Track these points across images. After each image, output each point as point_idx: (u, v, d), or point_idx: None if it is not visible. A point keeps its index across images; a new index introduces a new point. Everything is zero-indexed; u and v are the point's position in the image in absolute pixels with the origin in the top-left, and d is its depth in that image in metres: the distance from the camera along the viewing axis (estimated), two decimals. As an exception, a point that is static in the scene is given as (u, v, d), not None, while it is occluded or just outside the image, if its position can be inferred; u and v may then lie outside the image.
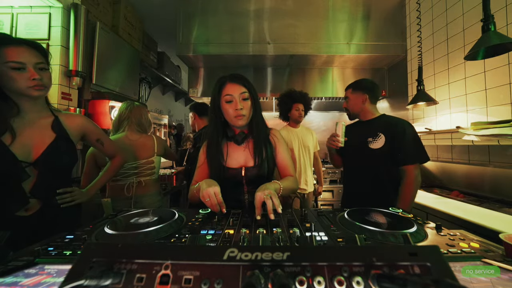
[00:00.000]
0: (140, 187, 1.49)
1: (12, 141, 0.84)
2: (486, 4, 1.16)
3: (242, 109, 0.93)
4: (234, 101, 0.93)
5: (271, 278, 0.28)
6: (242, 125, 0.97)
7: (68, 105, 1.82)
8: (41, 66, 0.88)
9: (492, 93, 1.56)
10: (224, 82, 0.95)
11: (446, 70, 1.94)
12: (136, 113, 1.57)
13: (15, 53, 0.82)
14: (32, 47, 0.86)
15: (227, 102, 0.94)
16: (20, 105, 0.88)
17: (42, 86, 0.88)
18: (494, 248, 0.56)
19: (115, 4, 2.43)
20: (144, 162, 1.51)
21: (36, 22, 1.75)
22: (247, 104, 0.95)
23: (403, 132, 1.25)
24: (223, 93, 0.94)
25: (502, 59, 1.45)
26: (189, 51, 2.45)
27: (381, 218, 0.73)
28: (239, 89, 0.93)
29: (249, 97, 0.96)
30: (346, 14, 2.45)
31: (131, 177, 1.47)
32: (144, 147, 1.54)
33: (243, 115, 0.94)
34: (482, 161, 1.69)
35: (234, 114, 0.93)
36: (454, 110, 1.87)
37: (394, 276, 0.27)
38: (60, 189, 0.95)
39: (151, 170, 1.55)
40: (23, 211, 0.85)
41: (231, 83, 0.94)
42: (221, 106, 0.96)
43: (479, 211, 1.31)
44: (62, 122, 0.98)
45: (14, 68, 0.82)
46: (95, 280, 0.28)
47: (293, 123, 2.06)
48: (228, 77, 0.96)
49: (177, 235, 0.63)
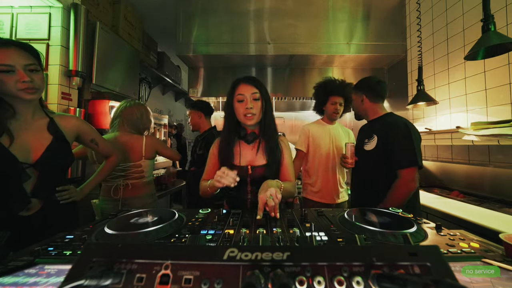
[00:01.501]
0: (127, 190, 1.44)
1: (11, 143, 0.84)
2: (486, 4, 1.16)
3: (252, 108, 0.97)
4: (245, 101, 0.98)
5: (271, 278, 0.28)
6: (252, 124, 1.01)
7: (68, 105, 1.82)
8: (31, 68, 0.85)
9: (492, 93, 1.56)
10: (238, 83, 1.01)
11: (446, 70, 1.94)
12: (127, 112, 1.51)
13: (3, 56, 0.79)
14: (22, 48, 0.84)
15: (239, 102, 0.99)
16: (15, 107, 0.88)
17: (34, 89, 0.85)
18: (494, 248, 0.56)
19: (115, 4, 2.43)
20: (131, 165, 1.46)
21: (36, 22, 1.74)
22: (257, 104, 0.99)
23: (395, 135, 1.18)
24: (236, 92, 1.00)
25: (502, 59, 1.45)
26: (189, 51, 2.45)
27: (381, 218, 0.73)
28: (251, 90, 0.99)
29: (260, 98, 1.00)
30: (346, 14, 2.45)
31: (118, 179, 1.43)
32: (133, 149, 1.48)
33: (253, 114, 0.98)
34: (482, 161, 1.69)
35: (244, 113, 0.98)
36: (454, 110, 1.87)
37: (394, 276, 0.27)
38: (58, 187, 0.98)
39: (139, 173, 1.50)
40: (25, 211, 0.87)
41: (244, 83, 1.00)
42: (233, 106, 1.01)
43: (479, 211, 1.31)
44: (58, 123, 0.99)
45: (2, 71, 0.79)
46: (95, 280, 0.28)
47: (327, 118, 1.75)
48: (242, 78, 1.02)
49: (177, 235, 0.63)
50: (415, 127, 1.25)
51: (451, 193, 1.73)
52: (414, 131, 1.19)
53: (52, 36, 1.76)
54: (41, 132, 0.93)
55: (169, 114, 4.61)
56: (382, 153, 1.21)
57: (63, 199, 0.98)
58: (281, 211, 0.81)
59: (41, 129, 0.94)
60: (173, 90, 4.63)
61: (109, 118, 2.07)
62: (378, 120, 1.34)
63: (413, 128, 1.21)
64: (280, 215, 0.77)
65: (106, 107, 2.07)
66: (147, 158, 1.54)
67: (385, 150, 1.20)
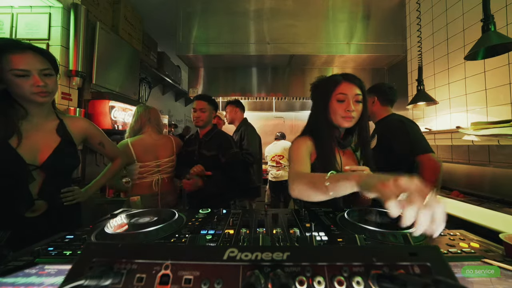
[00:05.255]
0: (163, 184, 1.56)
1: (19, 144, 0.85)
2: (486, 4, 1.16)
3: (354, 111, 0.87)
4: (346, 101, 0.87)
5: (271, 278, 0.28)
6: (348, 127, 0.91)
7: (68, 105, 1.82)
8: (46, 72, 0.87)
9: (492, 93, 1.56)
10: (339, 81, 0.90)
11: (446, 70, 1.94)
12: (154, 115, 1.66)
13: (19, 60, 0.81)
14: (38, 52, 0.86)
15: (339, 101, 0.88)
16: (28, 109, 0.89)
17: (47, 93, 0.88)
18: (494, 248, 0.56)
19: (115, 4, 2.43)
20: (166, 161, 1.60)
21: (36, 22, 1.75)
22: (359, 107, 0.89)
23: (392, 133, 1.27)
24: (337, 91, 0.89)
25: (502, 59, 1.45)
26: (189, 51, 2.46)
27: (381, 218, 0.73)
28: (354, 90, 0.88)
29: (362, 101, 0.90)
30: (346, 14, 2.45)
31: (155, 175, 1.54)
32: (165, 146, 1.62)
33: (353, 117, 0.88)
34: (482, 161, 1.69)
35: (343, 114, 0.88)
36: (454, 110, 1.87)
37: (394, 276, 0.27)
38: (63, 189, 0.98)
39: (171, 168, 1.64)
40: (30, 212, 0.87)
41: (347, 82, 0.89)
42: (329, 105, 0.90)
43: (479, 211, 1.31)
44: (67, 125, 1.00)
45: (18, 75, 0.82)
46: (95, 280, 0.28)
47: None
48: (345, 76, 0.91)
49: (177, 235, 0.63)
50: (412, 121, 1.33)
51: (451, 193, 1.73)
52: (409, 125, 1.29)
53: (52, 36, 1.76)
54: (50, 133, 0.94)
55: (169, 114, 4.61)
56: (382, 153, 1.26)
57: (67, 200, 0.98)
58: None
59: (50, 131, 0.95)
60: (173, 90, 4.63)
61: (109, 118, 2.07)
62: (381, 121, 1.42)
63: (408, 122, 1.30)
64: (281, 215, 0.77)
65: (106, 107, 2.07)
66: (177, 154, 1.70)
67: (383, 149, 1.26)
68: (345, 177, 0.58)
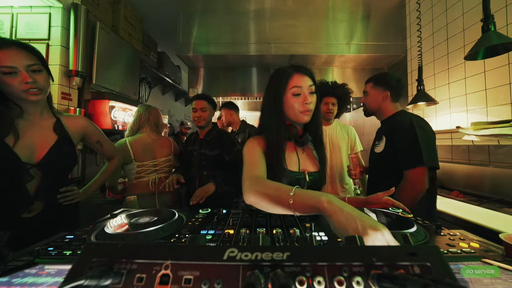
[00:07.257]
0: (160, 184, 1.56)
1: (15, 143, 0.84)
2: (486, 4, 1.16)
3: (311, 103, 0.82)
4: (302, 94, 0.82)
5: (271, 278, 0.28)
6: (307, 121, 0.86)
7: (68, 105, 1.82)
8: (34, 68, 0.83)
9: (492, 93, 1.56)
10: (290, 73, 0.84)
11: (446, 70, 1.94)
12: (154, 115, 1.68)
13: (4, 57, 0.78)
14: (23, 48, 0.82)
15: (295, 95, 0.82)
16: (23, 108, 0.88)
17: (37, 90, 0.84)
18: (494, 248, 0.56)
19: (115, 4, 2.43)
20: (163, 160, 1.62)
21: (36, 22, 1.75)
22: (313, 98, 0.84)
23: (400, 134, 1.14)
24: (290, 84, 0.83)
25: (502, 59, 1.45)
26: (189, 51, 2.45)
27: (381, 218, 0.73)
28: (308, 81, 0.83)
29: (315, 92, 0.85)
30: (346, 14, 2.45)
31: (152, 174, 1.55)
32: (163, 146, 1.65)
33: (311, 110, 0.83)
34: (482, 161, 1.69)
35: (301, 109, 0.82)
36: (454, 110, 1.87)
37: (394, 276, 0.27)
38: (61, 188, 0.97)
39: (168, 168, 1.66)
40: (26, 212, 0.86)
41: (299, 74, 0.84)
42: (284, 100, 0.85)
43: (479, 211, 1.31)
44: (64, 124, 0.99)
45: (5, 73, 0.78)
46: (95, 280, 0.28)
47: (323, 119, 1.71)
48: (295, 67, 0.85)
49: (177, 235, 0.63)
50: (427, 123, 1.18)
51: (451, 193, 1.73)
52: (422, 128, 1.12)
53: (52, 36, 1.76)
54: (47, 132, 0.93)
55: (169, 114, 4.61)
56: (390, 155, 1.17)
57: (67, 200, 0.96)
58: None
59: (47, 129, 0.93)
60: (173, 90, 4.63)
61: (109, 118, 2.07)
62: (388, 120, 1.29)
63: (421, 125, 1.13)
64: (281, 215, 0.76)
65: (106, 107, 2.08)
66: (174, 154, 1.73)
67: (392, 151, 1.16)
68: (312, 198, 0.54)
